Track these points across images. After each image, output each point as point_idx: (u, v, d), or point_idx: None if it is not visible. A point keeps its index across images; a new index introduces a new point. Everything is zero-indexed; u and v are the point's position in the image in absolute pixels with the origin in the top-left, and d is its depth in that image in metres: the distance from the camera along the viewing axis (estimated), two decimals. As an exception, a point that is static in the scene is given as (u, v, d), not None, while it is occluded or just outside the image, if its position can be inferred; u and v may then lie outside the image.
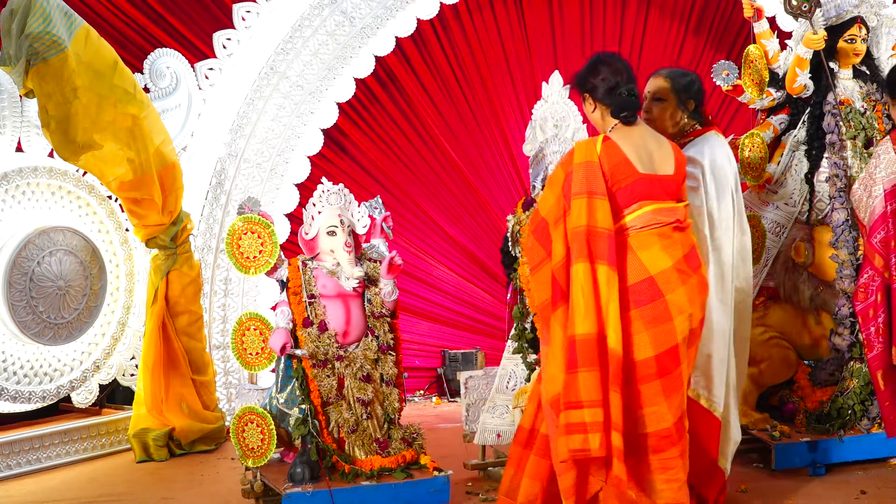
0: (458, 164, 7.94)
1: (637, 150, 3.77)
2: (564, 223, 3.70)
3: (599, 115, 3.88)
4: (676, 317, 3.67)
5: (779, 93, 5.46)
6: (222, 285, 6.74)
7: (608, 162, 3.73)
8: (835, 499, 4.45)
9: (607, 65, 3.86)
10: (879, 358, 4.62)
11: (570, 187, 3.71)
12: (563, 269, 3.68)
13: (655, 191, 3.75)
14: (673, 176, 3.80)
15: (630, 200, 3.73)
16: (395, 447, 4.42)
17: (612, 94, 3.80)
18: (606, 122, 3.86)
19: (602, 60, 3.90)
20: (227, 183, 6.73)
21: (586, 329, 3.57)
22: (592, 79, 3.85)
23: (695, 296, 3.74)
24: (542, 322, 3.88)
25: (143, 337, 6.00)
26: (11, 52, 5.10)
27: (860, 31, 5.31)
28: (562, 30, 8.11)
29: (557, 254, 3.71)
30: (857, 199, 4.80)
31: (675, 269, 3.71)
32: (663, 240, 3.74)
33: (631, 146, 3.77)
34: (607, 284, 3.60)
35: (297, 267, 4.49)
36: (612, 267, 3.61)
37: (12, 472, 5.35)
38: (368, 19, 7.03)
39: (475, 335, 8.05)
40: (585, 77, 3.89)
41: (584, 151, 3.76)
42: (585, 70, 3.91)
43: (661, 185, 3.77)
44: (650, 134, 3.88)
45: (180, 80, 6.45)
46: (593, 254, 3.62)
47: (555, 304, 3.72)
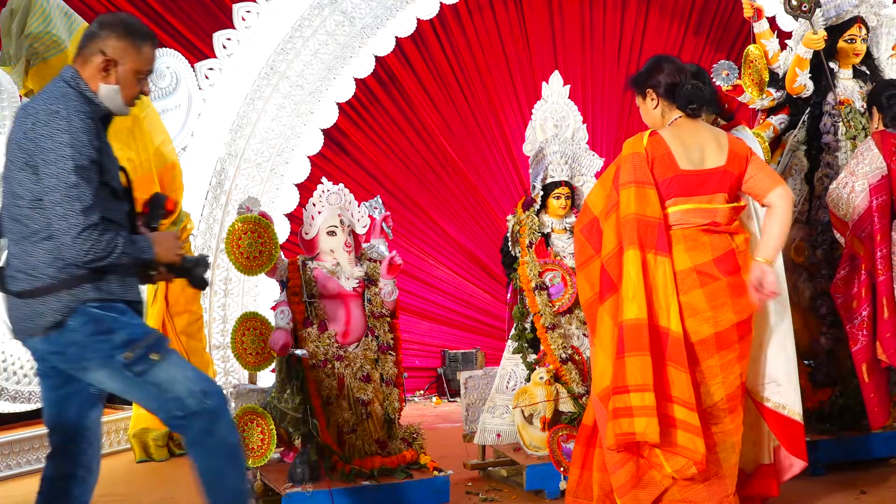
0: (458, 164, 7.94)
1: (686, 145, 3.80)
2: (617, 214, 3.77)
3: (660, 112, 3.91)
4: (688, 319, 3.70)
5: (779, 93, 5.46)
6: (222, 285, 6.74)
7: (652, 154, 3.79)
8: (835, 499, 4.45)
9: (670, 63, 3.92)
10: (864, 351, 4.67)
11: (618, 180, 3.79)
12: (614, 258, 3.75)
13: (696, 187, 3.78)
14: (724, 167, 3.80)
15: (668, 195, 3.78)
16: (395, 447, 4.42)
17: (677, 89, 3.84)
18: (666, 119, 3.89)
19: (665, 58, 3.97)
20: (227, 183, 6.73)
21: (634, 314, 3.62)
22: (657, 74, 3.90)
23: (721, 299, 3.74)
24: (589, 318, 3.95)
25: (143, 337, 5.99)
26: (11, 52, 5.11)
27: (860, 31, 5.31)
28: (562, 30, 8.11)
29: (609, 245, 3.78)
30: (836, 197, 4.81)
31: (696, 270, 3.74)
32: (687, 241, 3.77)
33: (679, 141, 3.80)
34: (660, 271, 3.65)
35: (297, 267, 4.49)
36: (663, 254, 3.67)
37: (12, 472, 5.35)
38: (368, 19, 7.03)
39: (475, 335, 8.05)
40: (649, 74, 3.93)
41: (631, 145, 3.86)
42: (648, 68, 3.96)
43: (706, 180, 3.78)
44: (707, 129, 3.90)
45: (180, 80, 6.45)
46: (643, 242, 3.68)
47: (603, 296, 3.78)
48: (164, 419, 3.01)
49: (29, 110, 2.92)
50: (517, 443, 4.75)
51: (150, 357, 2.91)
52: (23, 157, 2.86)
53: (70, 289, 2.87)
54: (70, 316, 2.88)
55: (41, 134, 2.82)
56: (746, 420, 3.92)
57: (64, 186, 2.79)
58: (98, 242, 2.82)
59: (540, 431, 4.63)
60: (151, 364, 2.91)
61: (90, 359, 2.93)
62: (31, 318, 2.92)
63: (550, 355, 4.74)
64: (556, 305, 4.78)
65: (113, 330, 2.91)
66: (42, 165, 2.81)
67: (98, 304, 2.91)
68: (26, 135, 2.85)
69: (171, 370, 2.94)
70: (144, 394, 2.97)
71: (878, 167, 4.69)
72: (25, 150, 2.85)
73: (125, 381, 2.94)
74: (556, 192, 4.96)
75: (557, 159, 4.98)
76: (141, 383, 2.93)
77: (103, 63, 2.97)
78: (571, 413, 4.65)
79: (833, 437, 4.92)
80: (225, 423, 2.98)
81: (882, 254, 4.64)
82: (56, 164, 2.79)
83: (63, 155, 2.79)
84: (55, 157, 2.79)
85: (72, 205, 2.78)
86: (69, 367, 2.98)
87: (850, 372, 5.01)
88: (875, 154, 4.73)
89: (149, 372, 2.92)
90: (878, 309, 4.64)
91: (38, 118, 2.84)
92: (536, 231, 4.90)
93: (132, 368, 2.90)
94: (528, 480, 4.57)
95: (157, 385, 2.93)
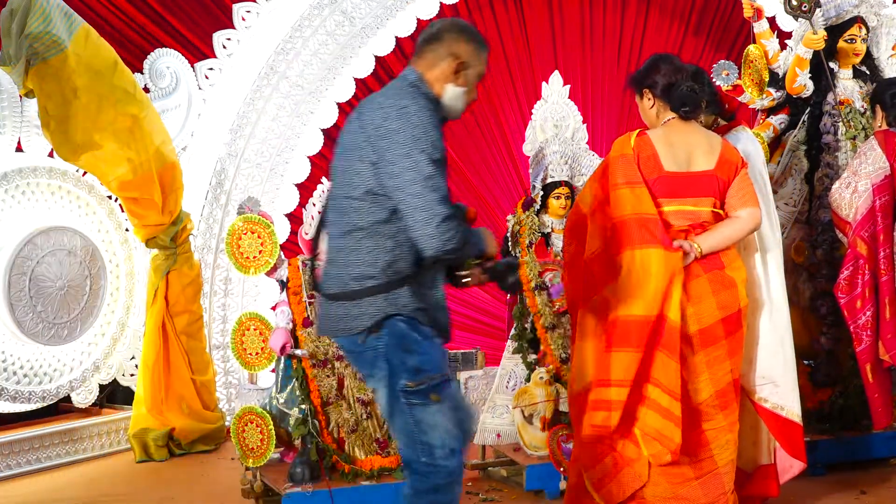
0: (458, 164, 7.93)
1: (674, 146, 3.80)
2: (601, 214, 3.77)
3: (655, 112, 3.91)
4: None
5: (779, 93, 5.45)
6: (222, 285, 6.73)
7: (639, 154, 3.79)
8: (835, 499, 4.46)
9: (668, 62, 3.92)
10: (868, 351, 4.66)
11: (607, 181, 3.79)
12: (599, 257, 3.75)
13: (682, 189, 3.78)
14: (712, 171, 3.80)
15: (653, 196, 3.77)
16: (395, 447, 4.42)
17: (672, 89, 3.83)
18: (661, 119, 3.89)
19: (663, 58, 3.97)
20: (227, 183, 6.73)
21: (632, 311, 3.62)
22: (654, 75, 3.90)
23: (702, 296, 3.74)
24: (573, 317, 3.96)
25: (143, 337, 6.00)
26: (11, 52, 5.10)
27: (860, 31, 5.31)
28: (562, 30, 8.10)
29: (592, 244, 3.79)
30: (839, 198, 4.80)
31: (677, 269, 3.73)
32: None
33: (667, 143, 3.80)
34: (663, 265, 3.64)
35: (297, 267, 4.49)
36: (665, 248, 3.66)
37: (12, 472, 5.34)
38: (368, 19, 7.02)
39: (475, 335, 8.04)
40: (646, 74, 3.93)
41: (618, 146, 3.87)
42: (646, 67, 3.97)
43: (693, 183, 3.78)
44: (700, 132, 3.89)
45: (180, 80, 6.45)
46: (645, 239, 3.67)
47: (588, 295, 3.78)
48: (405, 455, 2.97)
49: (376, 105, 2.94)
50: (517, 443, 4.75)
51: (430, 396, 2.89)
52: (368, 151, 2.88)
53: (387, 293, 2.88)
54: (383, 322, 2.88)
55: (394, 128, 2.84)
56: (746, 420, 3.92)
57: (421, 178, 2.82)
58: (456, 233, 2.84)
59: (540, 431, 4.63)
60: (427, 403, 2.89)
61: (379, 368, 2.93)
62: (343, 319, 2.92)
63: (550, 355, 4.74)
64: (557, 305, 4.78)
65: (410, 351, 2.92)
66: (396, 160, 2.82)
67: (407, 320, 2.91)
68: (377, 130, 2.86)
69: (439, 417, 2.90)
70: (402, 424, 2.93)
71: (881, 167, 4.69)
72: (374, 144, 2.86)
73: (394, 403, 2.92)
74: (556, 192, 4.96)
75: (557, 159, 4.98)
76: (406, 413, 2.90)
77: (456, 66, 3.03)
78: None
79: (833, 437, 4.92)
80: (456, 487, 2.94)
81: (885, 254, 4.64)
82: (410, 158, 2.82)
83: (418, 148, 2.83)
84: (409, 150, 2.83)
85: (430, 195, 2.81)
86: (358, 370, 3.04)
87: (850, 372, 5.01)
88: (878, 154, 4.72)
89: (419, 408, 2.89)
90: (881, 309, 4.63)
91: (389, 113, 2.87)
92: (536, 231, 4.91)
93: (408, 397, 2.89)
94: (528, 480, 4.57)
95: (419, 423, 2.90)
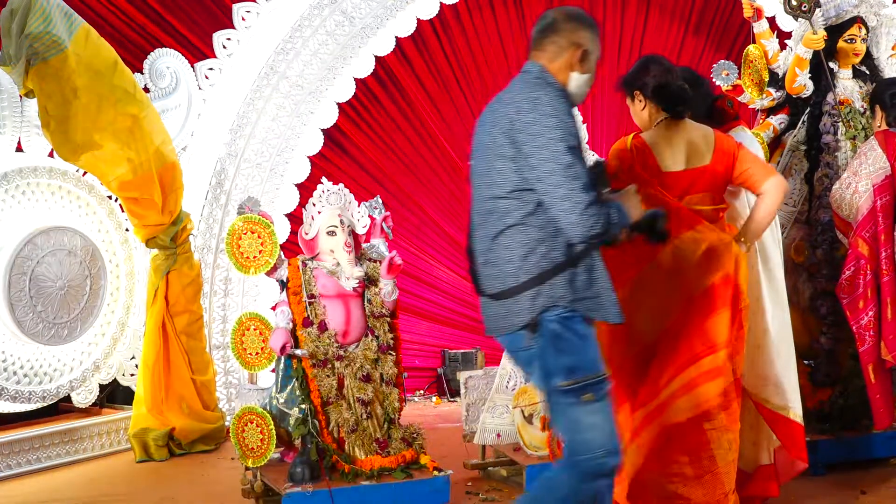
0: (459, 165, 7.94)
1: (671, 146, 3.81)
2: None
3: (647, 113, 3.90)
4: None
5: (778, 93, 5.46)
6: (222, 285, 6.74)
7: (637, 158, 3.80)
8: (835, 499, 4.46)
9: (657, 64, 3.92)
10: (870, 352, 4.66)
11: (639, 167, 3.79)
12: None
13: (680, 189, 3.77)
14: (709, 165, 3.80)
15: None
16: (395, 447, 4.42)
17: (662, 90, 3.83)
18: (653, 120, 3.89)
19: (652, 60, 3.96)
20: (227, 183, 6.73)
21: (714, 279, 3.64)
22: (643, 76, 3.89)
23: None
24: None
25: (143, 337, 6.00)
26: (11, 52, 5.10)
27: (860, 31, 5.31)
28: (562, 30, 8.10)
29: None
30: (839, 198, 4.80)
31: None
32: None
33: (665, 143, 3.81)
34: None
35: (297, 267, 4.49)
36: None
37: (12, 472, 5.35)
38: (368, 19, 7.02)
39: (475, 335, 8.04)
40: (635, 75, 3.93)
41: (617, 147, 3.88)
42: (635, 69, 3.96)
43: (690, 181, 3.78)
44: (694, 128, 3.89)
45: (180, 80, 6.45)
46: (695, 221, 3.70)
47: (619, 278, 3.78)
48: (565, 451, 2.98)
49: (505, 102, 2.96)
50: (517, 443, 4.75)
51: (583, 396, 2.89)
52: (507, 147, 2.89)
53: (542, 284, 2.87)
54: (539, 320, 2.89)
55: (528, 121, 2.85)
56: (746, 420, 3.92)
57: (561, 168, 2.81)
58: (600, 217, 2.84)
59: (540, 431, 4.63)
60: (580, 402, 2.90)
61: (534, 368, 2.96)
62: (505, 316, 2.95)
63: (550, 355, 4.74)
64: (556, 305, 4.78)
65: (563, 351, 2.91)
66: (534, 152, 2.83)
67: (562, 319, 2.90)
68: (512, 125, 2.87)
69: (597, 416, 2.91)
70: (561, 420, 2.97)
71: (882, 167, 4.68)
72: (512, 139, 2.87)
73: (551, 402, 2.96)
74: (556, 192, 4.96)
75: (557, 159, 4.99)
76: (563, 411, 2.93)
77: (581, 54, 3.03)
78: (571, 413, 4.64)
79: (833, 437, 4.92)
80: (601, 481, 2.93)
81: (886, 254, 4.64)
82: (548, 148, 2.82)
83: (554, 137, 2.82)
84: (546, 140, 2.82)
85: (572, 184, 2.81)
86: (519, 367, 3.07)
87: (850, 372, 5.02)
88: (878, 154, 4.72)
89: (574, 407, 2.90)
90: (883, 309, 4.63)
91: (522, 107, 2.88)
92: (536, 231, 4.90)
93: (562, 396, 2.91)
94: (528, 480, 4.56)
95: (576, 422, 2.91)
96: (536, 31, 3.10)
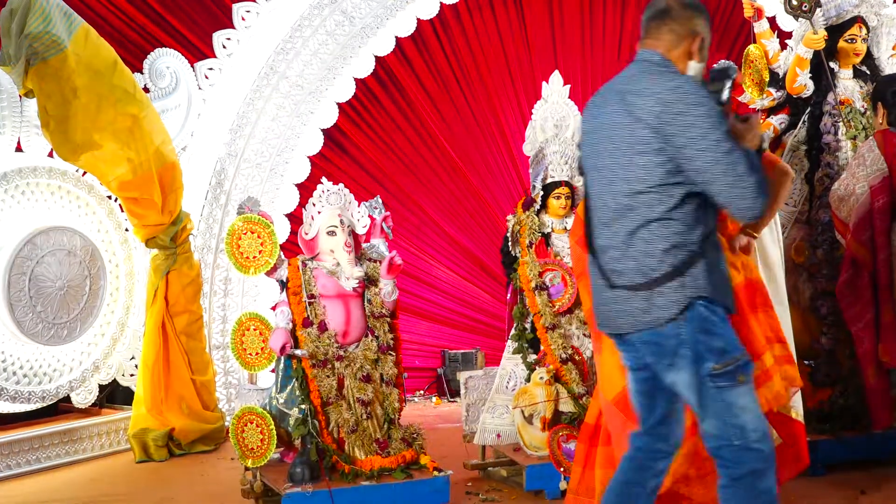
0: (458, 164, 7.94)
1: None
2: None
3: None
4: None
5: (779, 93, 5.45)
6: (222, 285, 6.74)
7: None
8: (835, 499, 4.45)
9: None
10: (870, 353, 4.67)
11: None
12: None
13: None
14: None
15: None
16: (395, 447, 4.42)
17: None
18: None
19: None
20: (227, 183, 6.73)
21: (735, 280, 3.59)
22: None
23: None
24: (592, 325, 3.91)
25: (142, 337, 6.00)
26: (11, 52, 5.10)
27: (860, 30, 5.31)
28: (562, 30, 8.10)
29: None
30: (838, 199, 4.80)
31: None
32: None
33: None
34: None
35: (297, 267, 4.49)
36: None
37: (12, 472, 5.35)
38: (368, 19, 7.02)
39: (475, 335, 8.05)
40: None
41: None
42: None
43: None
44: None
45: (180, 80, 6.45)
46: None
47: None
48: (715, 443, 2.93)
49: (636, 93, 2.88)
50: (517, 443, 4.74)
51: (738, 377, 2.87)
52: (652, 142, 2.82)
53: (684, 275, 2.84)
54: (687, 308, 2.85)
55: (677, 112, 2.78)
56: None
57: (723, 154, 2.75)
58: (765, 191, 2.80)
59: (540, 431, 4.63)
60: (734, 384, 2.87)
61: (682, 356, 2.90)
62: (647, 311, 2.89)
63: (550, 355, 4.74)
64: (556, 305, 4.78)
65: (714, 334, 2.88)
66: (689, 143, 2.77)
67: (706, 303, 2.87)
68: (660, 118, 2.80)
69: (747, 398, 2.89)
70: (712, 408, 2.90)
71: (880, 168, 4.68)
72: (659, 132, 2.80)
73: (701, 388, 2.89)
74: (557, 192, 4.96)
75: (557, 159, 4.98)
76: (715, 397, 2.88)
77: (699, 42, 2.98)
78: (571, 413, 4.64)
79: (833, 437, 4.92)
80: (772, 473, 2.91)
81: (883, 256, 4.64)
82: (706, 138, 2.76)
83: (708, 126, 2.76)
84: (702, 130, 2.76)
85: (738, 168, 2.75)
86: (657, 361, 2.95)
87: (850, 372, 5.01)
88: (876, 155, 4.71)
89: (728, 390, 2.87)
90: (882, 311, 4.63)
91: (665, 98, 2.80)
92: (536, 231, 4.90)
93: (715, 380, 2.87)
94: (528, 480, 4.57)
95: (729, 406, 2.87)
96: (648, 19, 3.04)
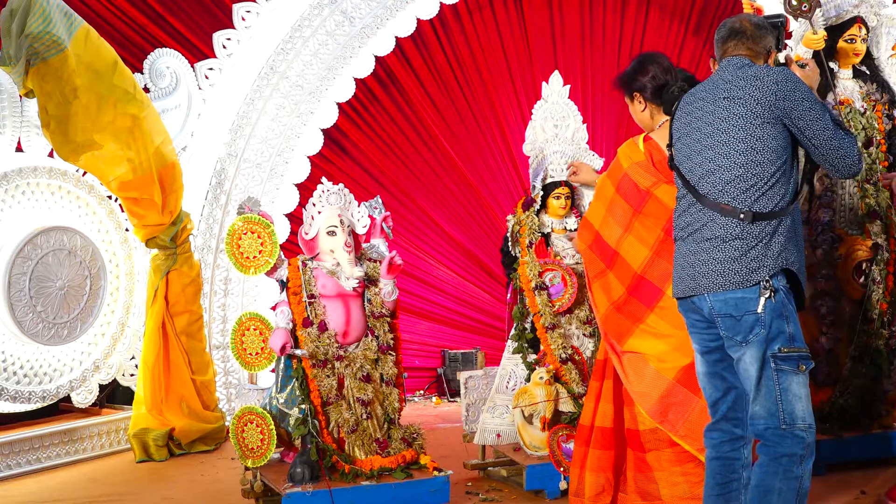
0: (458, 164, 7.94)
1: None
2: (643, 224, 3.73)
3: (649, 114, 3.89)
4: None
5: (779, 93, 5.45)
6: (222, 285, 6.74)
7: (652, 159, 3.79)
8: (835, 499, 4.45)
9: (656, 63, 3.88)
10: None
11: (630, 188, 3.76)
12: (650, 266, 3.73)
13: None
14: None
15: None
16: (395, 447, 4.42)
17: (663, 92, 3.81)
18: (655, 121, 3.87)
19: (650, 59, 3.93)
20: (227, 183, 6.73)
21: None
22: (641, 78, 3.86)
23: None
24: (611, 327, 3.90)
25: (143, 337, 6.00)
26: (11, 52, 5.10)
27: (860, 31, 5.30)
28: (562, 30, 8.11)
29: (641, 256, 3.75)
30: None
31: None
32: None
33: None
34: None
35: (297, 267, 4.49)
36: None
37: (12, 472, 5.35)
38: (368, 19, 7.02)
39: (475, 335, 8.05)
40: (633, 77, 3.89)
41: (627, 154, 3.84)
42: (632, 70, 3.92)
43: None
44: None
45: (180, 80, 6.45)
46: None
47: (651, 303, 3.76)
48: (762, 425, 3.06)
49: (750, 83, 3.15)
50: (517, 443, 4.75)
51: (799, 365, 3.02)
52: (771, 116, 3.11)
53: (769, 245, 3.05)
54: (772, 279, 3.04)
55: (798, 98, 3.12)
56: None
57: (831, 131, 3.11)
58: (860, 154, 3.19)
59: (540, 431, 4.63)
60: (795, 371, 3.02)
61: (755, 333, 3.04)
62: (737, 271, 3.05)
63: (550, 355, 4.74)
64: (556, 305, 4.78)
65: (789, 319, 3.05)
66: (807, 125, 3.11)
67: (786, 289, 3.07)
68: (778, 100, 3.11)
69: (802, 389, 3.04)
70: (767, 390, 3.04)
71: None
72: (785, 113, 3.11)
73: (763, 369, 3.04)
74: (556, 192, 4.96)
75: (557, 159, 4.98)
76: (773, 379, 3.03)
77: (774, 58, 3.32)
78: (571, 413, 4.64)
79: (833, 437, 4.92)
80: (810, 465, 3.05)
81: None
82: (819, 121, 3.11)
83: (821, 109, 3.13)
84: (816, 114, 3.11)
85: (842, 141, 3.11)
86: (728, 333, 3.09)
87: (850, 372, 5.01)
88: None
89: (787, 375, 3.02)
90: None
91: (784, 86, 3.12)
92: (536, 231, 4.90)
93: (779, 363, 3.01)
94: (528, 480, 4.57)
95: (784, 391, 3.03)
96: (724, 38, 3.30)
